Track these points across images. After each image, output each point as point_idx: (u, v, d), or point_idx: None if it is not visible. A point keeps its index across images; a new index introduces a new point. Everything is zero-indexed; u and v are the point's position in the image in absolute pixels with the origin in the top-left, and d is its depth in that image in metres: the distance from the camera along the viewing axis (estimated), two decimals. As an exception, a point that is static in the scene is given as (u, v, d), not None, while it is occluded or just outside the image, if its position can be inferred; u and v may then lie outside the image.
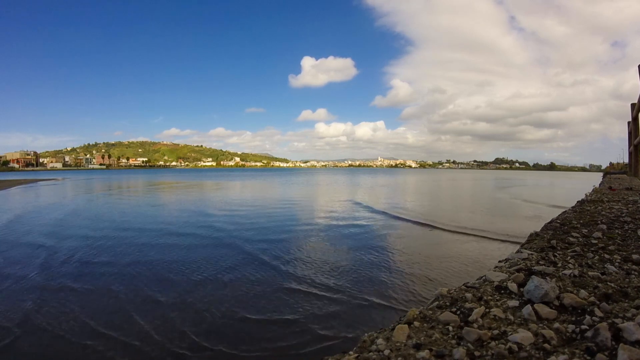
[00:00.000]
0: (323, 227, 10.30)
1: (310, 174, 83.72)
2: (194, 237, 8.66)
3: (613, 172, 37.12)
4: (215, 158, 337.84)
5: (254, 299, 4.70)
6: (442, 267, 6.16)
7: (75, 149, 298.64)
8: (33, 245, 7.84)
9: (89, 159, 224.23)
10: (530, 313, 1.10)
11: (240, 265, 6.29)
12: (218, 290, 5.02)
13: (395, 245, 7.98)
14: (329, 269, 5.98)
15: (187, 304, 4.53)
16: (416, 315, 1.15)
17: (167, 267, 6.14)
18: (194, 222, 11.14)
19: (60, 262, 6.40)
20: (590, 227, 2.73)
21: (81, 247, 7.58)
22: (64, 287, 5.13)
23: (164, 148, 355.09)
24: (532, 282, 1.26)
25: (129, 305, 4.48)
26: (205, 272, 5.84)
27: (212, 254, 7.06)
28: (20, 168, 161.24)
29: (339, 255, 6.98)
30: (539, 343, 0.93)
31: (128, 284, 5.26)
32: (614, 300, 1.20)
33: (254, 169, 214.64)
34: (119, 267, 6.13)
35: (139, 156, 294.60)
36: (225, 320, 4.08)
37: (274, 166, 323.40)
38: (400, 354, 0.91)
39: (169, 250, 7.35)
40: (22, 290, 5.01)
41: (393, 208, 15.04)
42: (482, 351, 0.91)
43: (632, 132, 17.96)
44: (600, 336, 0.91)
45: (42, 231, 9.54)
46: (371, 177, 63.38)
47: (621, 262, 1.73)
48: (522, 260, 1.76)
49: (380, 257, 6.72)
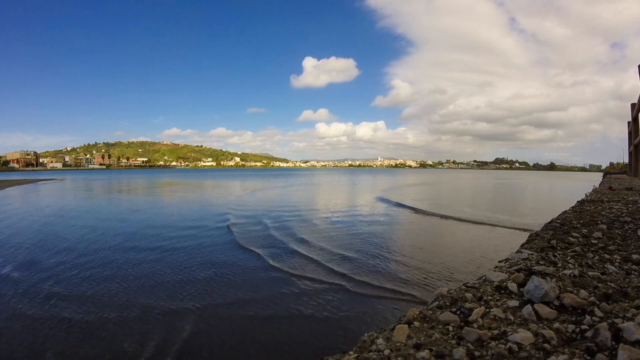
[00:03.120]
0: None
1: (318, 175, 78.50)
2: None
3: (613, 172, 37.13)
4: (215, 158, 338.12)
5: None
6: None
7: (76, 149, 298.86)
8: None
9: (89, 159, 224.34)
10: (530, 313, 1.10)
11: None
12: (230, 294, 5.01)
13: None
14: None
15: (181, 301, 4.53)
16: (416, 315, 1.15)
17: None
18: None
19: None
20: (590, 227, 2.73)
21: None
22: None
23: (164, 148, 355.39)
24: (532, 282, 1.26)
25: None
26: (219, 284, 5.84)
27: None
28: (20, 168, 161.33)
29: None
30: (539, 343, 0.93)
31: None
32: (614, 300, 1.20)
33: (255, 169, 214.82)
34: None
35: (139, 156, 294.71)
36: (226, 320, 4.08)
37: (274, 166, 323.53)
38: (400, 354, 0.91)
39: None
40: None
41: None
42: (482, 351, 0.91)
43: (632, 132, 17.96)
44: (600, 336, 0.91)
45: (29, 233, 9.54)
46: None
47: (621, 262, 1.73)
48: (522, 260, 1.76)
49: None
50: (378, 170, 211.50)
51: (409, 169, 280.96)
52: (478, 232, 9.48)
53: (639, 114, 16.65)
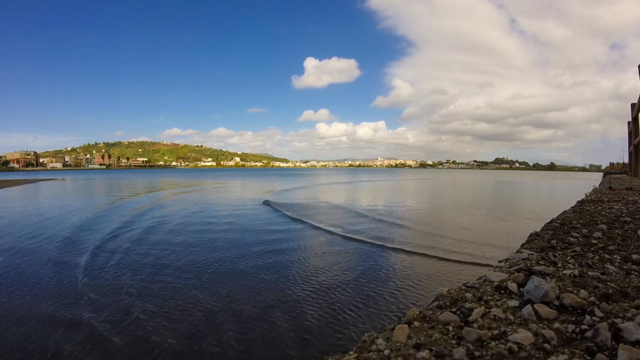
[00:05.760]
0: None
1: (329, 175, 76.49)
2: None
3: (613, 172, 37.16)
4: (215, 158, 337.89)
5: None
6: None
7: (76, 149, 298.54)
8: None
9: (89, 159, 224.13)
10: (530, 313, 1.10)
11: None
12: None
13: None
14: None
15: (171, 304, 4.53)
16: (416, 315, 1.15)
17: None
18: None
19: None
20: (590, 227, 2.73)
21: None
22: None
23: (164, 148, 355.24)
24: (532, 282, 1.26)
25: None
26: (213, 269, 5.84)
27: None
28: (20, 168, 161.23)
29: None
30: (539, 343, 0.93)
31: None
32: (614, 300, 1.20)
33: (255, 169, 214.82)
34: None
35: (139, 156, 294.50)
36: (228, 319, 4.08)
37: (274, 166, 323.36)
38: (400, 354, 0.91)
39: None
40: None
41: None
42: (482, 351, 0.91)
43: (632, 132, 17.97)
44: (600, 336, 0.91)
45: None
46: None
47: (621, 262, 1.73)
48: (522, 260, 1.76)
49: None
50: (378, 170, 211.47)
51: (408, 169, 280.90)
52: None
53: (638, 114, 16.66)
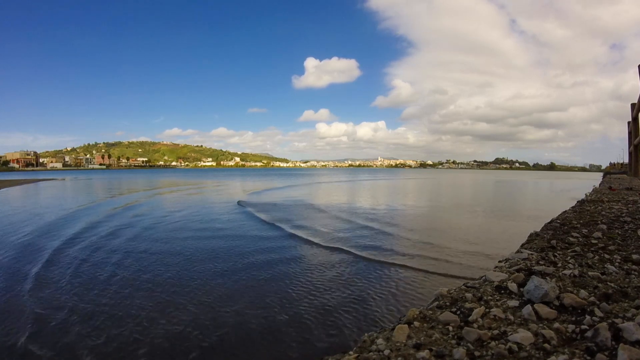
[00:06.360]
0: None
1: (330, 174, 75.82)
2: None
3: (613, 172, 37.13)
4: (215, 158, 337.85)
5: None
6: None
7: (76, 149, 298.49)
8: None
9: (89, 159, 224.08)
10: (530, 313, 1.10)
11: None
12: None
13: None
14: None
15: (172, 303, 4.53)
16: (416, 315, 1.15)
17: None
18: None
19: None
20: (590, 227, 2.73)
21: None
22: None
23: (164, 148, 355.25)
24: (532, 282, 1.26)
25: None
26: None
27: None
28: (20, 168, 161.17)
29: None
30: (539, 343, 0.93)
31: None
32: (614, 300, 1.20)
33: (255, 169, 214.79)
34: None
35: (138, 156, 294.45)
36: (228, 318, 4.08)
37: (274, 166, 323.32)
38: (400, 354, 0.91)
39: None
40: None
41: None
42: (482, 351, 0.91)
43: (632, 132, 17.97)
44: (600, 336, 0.91)
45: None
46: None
47: (621, 262, 1.73)
48: (522, 260, 1.76)
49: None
50: (378, 170, 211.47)
51: (408, 169, 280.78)
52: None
53: (638, 114, 16.66)
